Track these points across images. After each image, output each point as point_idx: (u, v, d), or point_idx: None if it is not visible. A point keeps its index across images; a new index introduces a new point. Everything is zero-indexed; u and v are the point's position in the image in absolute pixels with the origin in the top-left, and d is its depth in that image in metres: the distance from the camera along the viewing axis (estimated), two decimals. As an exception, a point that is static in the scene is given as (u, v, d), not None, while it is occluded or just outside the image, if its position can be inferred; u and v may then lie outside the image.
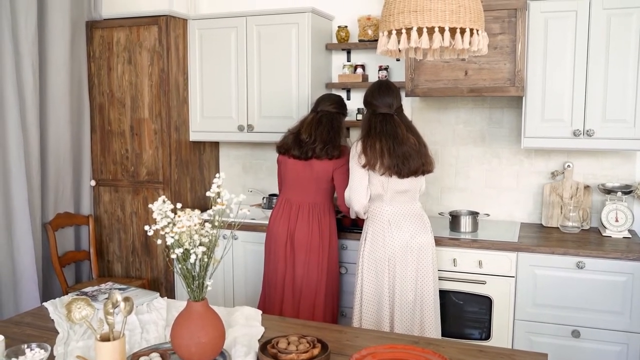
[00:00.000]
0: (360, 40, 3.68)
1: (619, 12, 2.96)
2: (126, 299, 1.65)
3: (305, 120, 3.12)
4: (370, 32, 3.62)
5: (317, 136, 3.03)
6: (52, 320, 2.12)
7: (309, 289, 3.07)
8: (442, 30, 1.68)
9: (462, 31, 1.73)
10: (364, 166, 2.81)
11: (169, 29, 3.63)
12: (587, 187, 3.37)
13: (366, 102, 2.94)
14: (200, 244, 1.67)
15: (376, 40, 3.55)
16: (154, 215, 1.67)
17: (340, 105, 3.16)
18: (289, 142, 3.10)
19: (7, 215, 3.25)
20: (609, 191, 3.23)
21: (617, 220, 3.16)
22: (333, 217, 3.17)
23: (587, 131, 3.07)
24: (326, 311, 3.10)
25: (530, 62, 3.13)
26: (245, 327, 2.03)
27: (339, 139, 3.09)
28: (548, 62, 3.10)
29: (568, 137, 3.11)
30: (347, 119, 3.65)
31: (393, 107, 2.87)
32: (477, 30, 1.73)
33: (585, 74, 3.05)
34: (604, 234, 3.19)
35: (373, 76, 3.70)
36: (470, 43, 1.73)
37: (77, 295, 2.32)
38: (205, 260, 1.68)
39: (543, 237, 3.18)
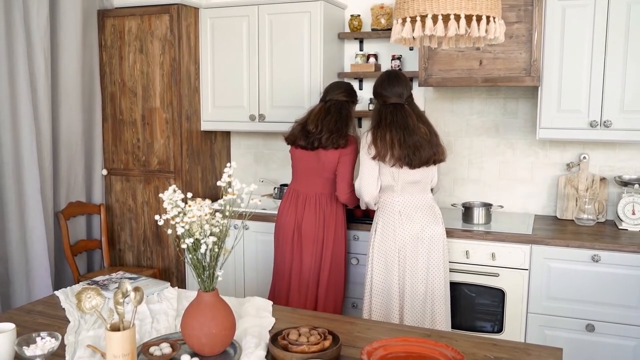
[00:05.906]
0: (373, 29, 3.63)
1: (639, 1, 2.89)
2: (136, 289, 1.63)
3: (313, 110, 3.09)
4: (383, 20, 3.58)
5: (323, 126, 2.99)
6: (63, 309, 2.12)
7: (314, 280, 3.07)
8: (457, 17, 1.64)
9: (479, 19, 1.69)
10: (373, 158, 2.78)
11: (181, 18, 3.61)
12: (603, 179, 3.31)
13: (376, 92, 2.90)
14: (211, 234, 1.66)
15: (389, 30, 3.50)
16: (165, 205, 1.66)
17: (350, 93, 3.11)
18: (296, 132, 3.08)
19: (19, 204, 3.26)
20: (625, 183, 3.18)
21: (633, 213, 3.10)
22: (340, 208, 3.14)
23: (604, 122, 3.01)
24: (327, 302, 3.08)
25: (547, 52, 3.07)
26: (255, 318, 2.02)
27: (346, 128, 3.04)
28: (565, 52, 3.04)
29: (584, 128, 3.05)
30: (359, 108, 3.63)
31: (403, 97, 2.83)
32: (494, 18, 1.69)
33: (603, 64, 2.98)
34: (620, 227, 3.14)
35: (386, 65, 3.66)
36: (486, 31, 1.69)
37: (88, 284, 2.33)
38: (216, 250, 1.67)
39: (558, 229, 3.14)
